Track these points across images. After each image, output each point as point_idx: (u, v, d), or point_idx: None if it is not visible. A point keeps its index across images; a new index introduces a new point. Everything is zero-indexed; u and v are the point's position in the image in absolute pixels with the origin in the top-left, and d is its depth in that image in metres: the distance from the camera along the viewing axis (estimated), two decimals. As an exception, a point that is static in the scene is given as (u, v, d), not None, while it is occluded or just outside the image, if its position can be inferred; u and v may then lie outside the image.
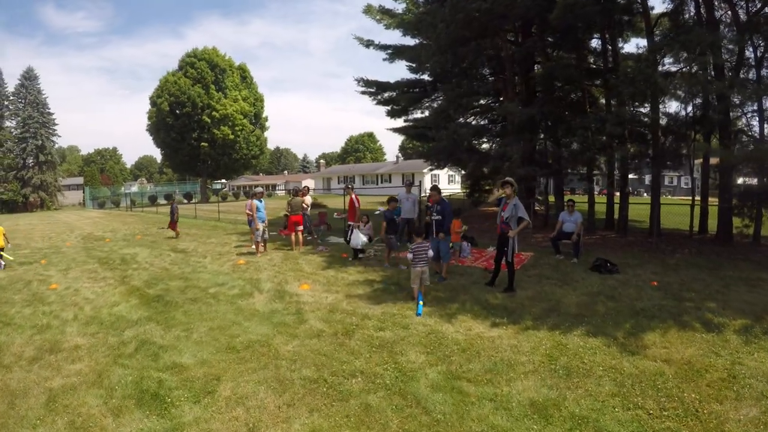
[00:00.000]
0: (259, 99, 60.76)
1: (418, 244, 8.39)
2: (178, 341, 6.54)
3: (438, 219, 9.65)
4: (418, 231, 9.12)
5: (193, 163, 58.32)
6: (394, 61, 23.02)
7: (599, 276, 9.91)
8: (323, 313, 7.63)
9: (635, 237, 15.91)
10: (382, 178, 61.72)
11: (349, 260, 12.48)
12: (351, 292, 9.00)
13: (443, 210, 9.69)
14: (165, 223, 26.84)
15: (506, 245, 8.56)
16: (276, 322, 7.24)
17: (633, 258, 12.23)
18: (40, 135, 64.27)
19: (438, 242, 9.64)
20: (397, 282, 9.71)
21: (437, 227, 9.73)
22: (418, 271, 8.18)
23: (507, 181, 8.69)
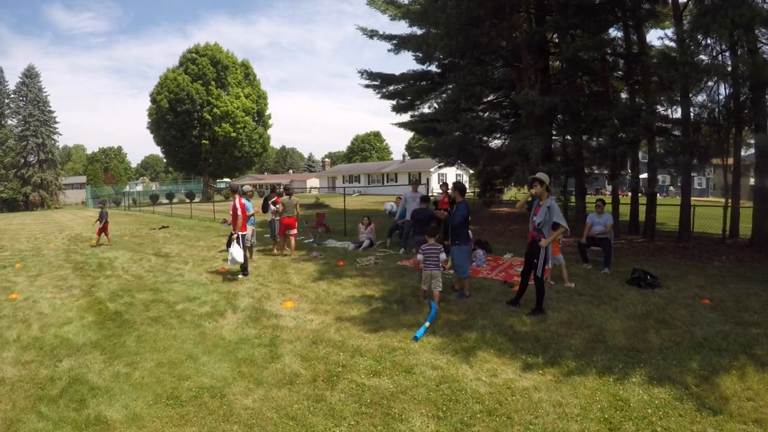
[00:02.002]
0: (262, 96, 59.42)
1: (430, 246, 7.75)
2: (115, 381, 5.22)
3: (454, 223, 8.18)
4: (432, 231, 8.16)
5: (194, 161, 57.15)
6: (399, 51, 21.55)
7: (639, 291, 8.43)
8: (303, 346, 6.18)
9: (664, 241, 14.46)
10: (388, 177, 60.27)
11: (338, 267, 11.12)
12: (343, 313, 7.57)
13: (455, 212, 8.22)
14: (159, 223, 25.85)
15: (536, 256, 7.10)
16: (241, 358, 5.81)
17: (669, 267, 10.79)
18: (41, 133, 63.44)
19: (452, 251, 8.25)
20: (401, 299, 8.27)
21: (450, 232, 8.30)
22: (428, 274, 7.65)
23: (536, 178, 7.24)
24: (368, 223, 14.45)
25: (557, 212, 7.00)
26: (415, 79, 21.82)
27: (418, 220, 10.72)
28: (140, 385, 5.12)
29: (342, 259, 12.30)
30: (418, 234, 10.62)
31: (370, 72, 22.30)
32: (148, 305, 8.36)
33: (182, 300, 8.62)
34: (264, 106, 59.46)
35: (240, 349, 6.08)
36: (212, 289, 9.32)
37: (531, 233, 7.29)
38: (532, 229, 7.27)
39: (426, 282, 7.79)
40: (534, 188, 7.26)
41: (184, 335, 6.70)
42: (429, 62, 20.75)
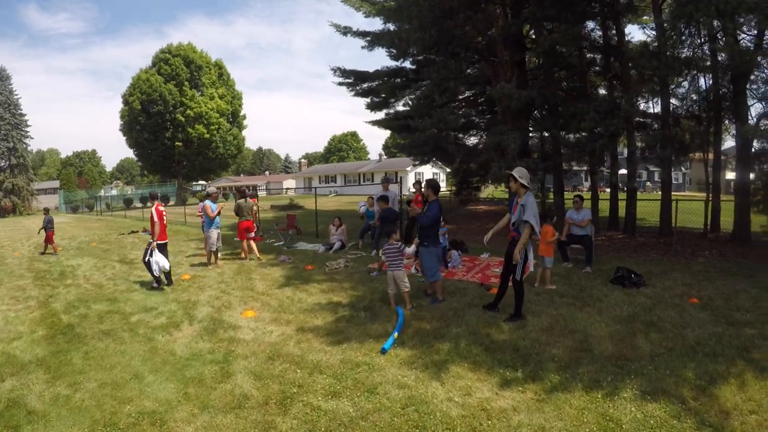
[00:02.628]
0: (237, 97, 58.21)
1: (390, 245, 7.47)
2: (54, 405, 4.61)
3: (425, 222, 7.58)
4: (388, 231, 7.86)
5: (168, 164, 55.75)
6: (373, 48, 20.90)
7: (623, 291, 7.93)
8: (259, 362, 5.53)
9: (645, 237, 14.10)
10: (365, 177, 59.64)
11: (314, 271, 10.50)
12: (306, 323, 6.93)
13: (426, 211, 7.63)
14: (128, 228, 24.90)
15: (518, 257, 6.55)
16: (190, 377, 5.16)
17: (653, 264, 10.35)
18: (12, 137, 61.24)
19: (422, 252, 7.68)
20: (370, 306, 7.65)
21: (418, 232, 7.73)
22: (390, 275, 7.32)
23: (511, 174, 6.67)
24: (339, 224, 13.82)
25: (529, 209, 6.39)
26: (389, 76, 21.21)
27: (384, 220, 10.16)
28: (79, 409, 4.51)
29: (311, 263, 11.66)
30: (385, 235, 10.04)
31: (343, 69, 21.64)
32: (102, 317, 7.69)
33: (138, 311, 7.95)
34: (239, 107, 58.26)
35: (190, 367, 5.44)
36: (171, 298, 8.67)
37: (511, 233, 6.73)
38: (511, 229, 6.72)
39: (391, 284, 7.38)
40: (510, 184, 6.72)
41: (133, 351, 6.06)
42: (403, 58, 20.17)
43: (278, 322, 7.00)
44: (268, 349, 5.90)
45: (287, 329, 6.67)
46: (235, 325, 6.93)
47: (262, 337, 6.36)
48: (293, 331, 6.56)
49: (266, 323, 6.99)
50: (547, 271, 8.53)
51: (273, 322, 7.05)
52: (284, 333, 6.50)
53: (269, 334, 6.50)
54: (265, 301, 8.23)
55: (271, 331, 6.61)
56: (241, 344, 6.13)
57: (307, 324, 6.87)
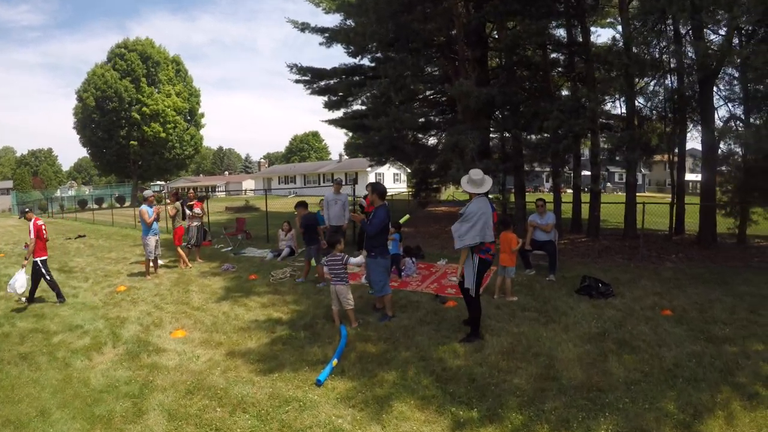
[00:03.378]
0: (195, 94, 56.12)
1: (333, 257, 6.60)
2: None
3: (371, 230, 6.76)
4: (332, 240, 6.90)
5: (122, 164, 53.30)
6: (331, 45, 19.93)
7: (591, 303, 7.26)
8: (178, 396, 4.66)
9: (609, 240, 13.63)
10: (324, 178, 58.48)
11: (257, 282, 9.60)
12: (238, 345, 6.07)
13: (372, 218, 6.81)
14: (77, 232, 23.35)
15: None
16: (98, 416, 4.32)
17: (619, 270, 9.78)
18: None
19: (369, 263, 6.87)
20: (311, 323, 6.81)
21: (365, 243, 6.91)
22: (333, 290, 6.56)
23: None
24: (288, 228, 12.88)
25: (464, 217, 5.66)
26: (347, 74, 20.29)
27: (305, 228, 9.35)
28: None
29: (256, 272, 10.76)
30: (307, 242, 9.38)
31: (300, 66, 20.60)
32: (24, 336, 6.74)
33: (63, 329, 7.04)
34: (196, 105, 56.19)
35: (101, 402, 4.60)
36: (101, 314, 7.76)
37: None
38: None
39: (334, 300, 6.60)
40: None
41: (47, 380, 5.19)
42: (361, 56, 19.34)
43: (208, 345, 6.13)
44: (190, 380, 5.04)
45: (216, 353, 5.82)
46: (160, 348, 6.07)
47: (186, 364, 5.51)
48: (222, 356, 5.71)
49: (195, 345, 6.12)
50: (509, 281, 7.81)
51: (202, 344, 6.18)
52: (212, 359, 5.65)
53: (195, 359, 5.64)
54: (198, 318, 7.31)
55: (198, 356, 5.75)
56: (163, 373, 5.29)
57: (239, 347, 6.01)
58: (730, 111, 13.27)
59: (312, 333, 6.41)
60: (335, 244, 6.76)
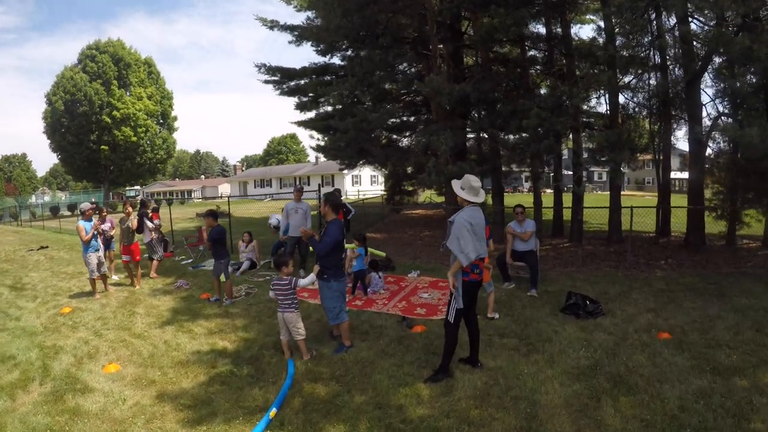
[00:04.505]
0: (167, 96, 54.49)
1: (279, 280, 5.73)
2: None
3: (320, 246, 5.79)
4: (278, 262, 5.91)
5: (93, 169, 51.50)
6: (301, 43, 19.01)
7: (578, 324, 6.38)
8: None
9: (593, 245, 12.85)
10: (300, 181, 57.36)
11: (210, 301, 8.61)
12: (171, 385, 5.20)
13: (323, 235, 5.84)
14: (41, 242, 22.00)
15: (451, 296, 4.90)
16: None
17: (607, 281, 8.93)
18: None
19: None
20: (257, 355, 5.87)
21: (317, 262, 5.94)
22: (281, 318, 5.69)
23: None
24: (249, 239, 11.86)
25: (456, 231, 4.78)
26: (317, 73, 19.31)
27: (214, 242, 8.60)
28: None
29: (211, 289, 9.71)
30: (215, 257, 8.59)
31: (269, 66, 19.58)
32: None
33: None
34: (168, 108, 54.56)
35: None
36: (38, 342, 6.92)
37: None
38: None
39: (282, 329, 5.75)
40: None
41: None
42: (331, 54, 18.46)
43: (139, 383, 5.27)
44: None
45: (146, 395, 4.96)
46: (88, 386, 5.23)
47: (110, 409, 4.69)
48: (151, 399, 4.86)
49: (125, 384, 5.27)
50: (491, 296, 6.94)
51: (134, 382, 5.32)
52: (139, 402, 4.79)
53: (121, 403, 4.81)
54: (136, 348, 6.42)
55: (125, 398, 4.91)
56: (83, 420, 4.50)
57: (172, 386, 5.15)
58: (718, 109, 12.61)
59: (256, 369, 5.49)
60: (281, 266, 5.80)
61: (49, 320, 8.11)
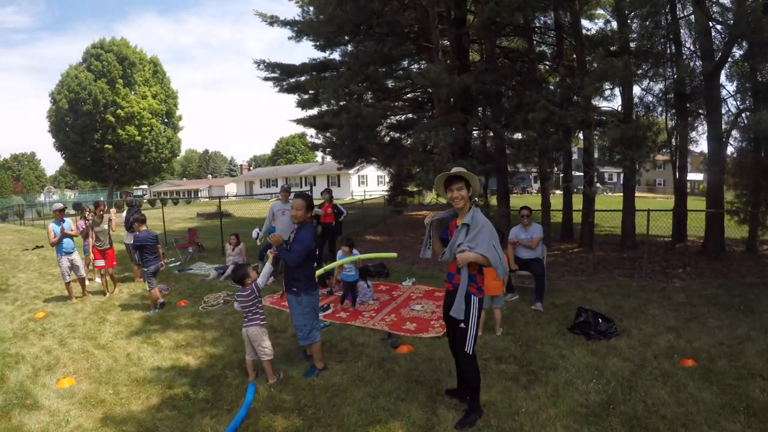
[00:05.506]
0: (171, 96, 54.27)
1: (241, 291, 5.10)
2: None
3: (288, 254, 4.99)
4: (238, 275, 5.12)
5: (98, 168, 51.44)
6: (300, 39, 18.24)
7: (587, 347, 5.52)
8: None
9: (605, 251, 12.00)
10: (306, 181, 56.69)
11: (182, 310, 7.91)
12: (120, 407, 4.64)
13: (292, 242, 5.02)
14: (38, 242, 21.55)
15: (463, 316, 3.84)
16: None
17: (621, 292, 8.07)
18: None
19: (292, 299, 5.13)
20: (219, 376, 5.17)
21: (285, 274, 5.17)
22: (244, 334, 5.05)
23: (457, 175, 3.97)
24: (236, 242, 11.12)
25: (488, 235, 3.80)
26: (317, 70, 18.56)
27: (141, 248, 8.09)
28: None
29: (189, 295, 9.16)
30: (144, 265, 8.11)
31: (268, 62, 18.85)
32: None
33: None
34: (174, 107, 54.32)
35: None
36: (2, 350, 6.53)
37: (449, 281, 4.14)
38: (450, 273, 4.13)
39: (247, 347, 5.08)
40: (452, 192, 3.94)
41: None
42: (331, 49, 17.71)
43: (88, 402, 4.75)
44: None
45: (90, 417, 4.46)
46: (37, 403, 4.81)
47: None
48: (94, 422, 4.34)
49: (74, 402, 4.78)
50: (497, 312, 6.15)
51: (83, 400, 4.80)
52: (81, 426, 4.28)
53: (64, 425, 4.33)
54: (96, 361, 5.89)
55: (69, 420, 4.41)
56: None
57: (120, 409, 4.59)
58: (738, 105, 11.72)
59: (214, 392, 4.81)
60: (243, 279, 5.06)
61: (21, 325, 7.74)
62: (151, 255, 8.09)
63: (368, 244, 14.30)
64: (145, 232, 8.20)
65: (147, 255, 8.05)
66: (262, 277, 5.13)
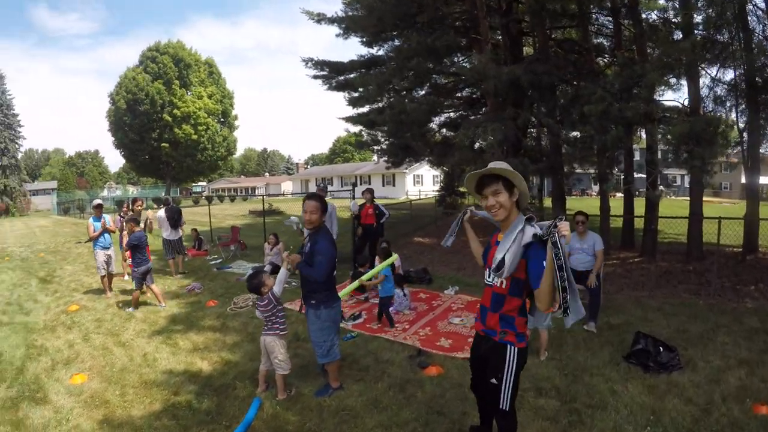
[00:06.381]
0: (228, 96, 55.71)
1: (260, 300, 4.70)
2: None
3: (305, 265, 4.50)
4: (252, 285, 4.69)
5: (155, 165, 53.45)
6: (348, 36, 17.86)
7: (644, 382, 4.69)
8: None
9: (668, 261, 10.86)
10: (362, 179, 56.49)
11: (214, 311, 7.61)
12: (122, 410, 4.52)
13: (312, 248, 4.49)
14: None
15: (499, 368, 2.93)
16: None
17: (685, 313, 7.06)
18: (3, 137, 59.64)
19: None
20: (228, 386, 4.86)
21: (302, 284, 4.66)
22: (261, 343, 4.72)
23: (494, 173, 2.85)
24: (275, 242, 10.77)
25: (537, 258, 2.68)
26: (365, 66, 18.12)
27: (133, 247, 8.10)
28: None
29: (221, 295, 8.98)
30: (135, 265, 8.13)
31: (316, 60, 18.55)
32: None
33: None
34: (229, 107, 55.74)
35: None
36: (30, 341, 6.69)
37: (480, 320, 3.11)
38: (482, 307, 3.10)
39: (263, 356, 4.74)
40: (486, 199, 2.88)
41: None
42: (379, 45, 17.27)
43: (92, 402, 4.68)
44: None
45: (90, 417, 4.37)
46: (45, 398, 4.82)
47: (50, 428, 4.22)
48: (92, 424, 4.25)
49: (79, 401, 4.72)
50: (544, 334, 5.42)
51: (87, 400, 4.73)
52: (78, 426, 4.20)
53: (64, 423, 4.27)
54: (112, 359, 5.83)
55: (69, 418, 4.34)
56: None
57: (120, 413, 4.46)
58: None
59: (218, 404, 4.52)
60: (258, 288, 4.64)
61: (53, 317, 7.94)
62: (143, 255, 8.10)
63: (415, 246, 13.73)
64: (139, 233, 8.24)
65: (139, 255, 8.05)
66: (278, 284, 4.68)
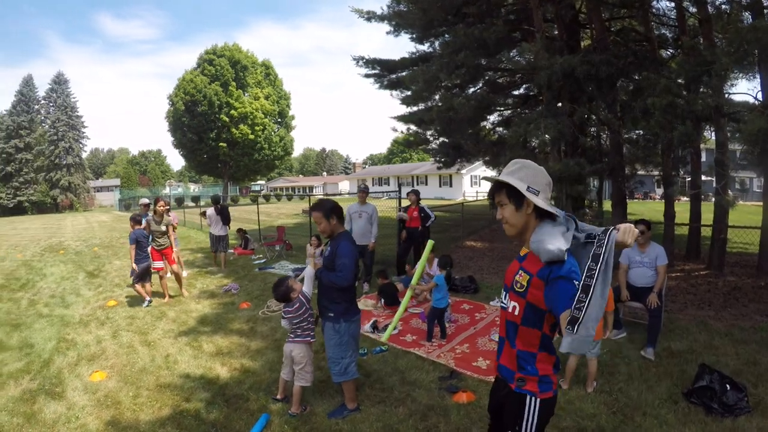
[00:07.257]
0: (284, 97, 56.60)
1: (288, 306, 4.32)
2: None
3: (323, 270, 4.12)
4: (280, 293, 4.30)
5: (213, 165, 54.99)
6: (399, 33, 17.46)
7: (705, 427, 3.91)
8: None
9: (737, 275, 9.64)
10: (418, 180, 56.04)
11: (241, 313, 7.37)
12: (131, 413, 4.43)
13: (331, 252, 4.10)
14: None
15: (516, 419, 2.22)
16: None
17: (757, 339, 5.94)
18: (69, 138, 63.60)
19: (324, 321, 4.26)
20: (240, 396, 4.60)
21: (319, 293, 4.26)
22: (287, 350, 4.34)
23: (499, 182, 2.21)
24: (317, 243, 10.46)
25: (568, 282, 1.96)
26: (416, 63, 17.59)
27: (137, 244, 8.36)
28: None
29: (256, 297, 8.80)
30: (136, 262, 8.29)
31: (367, 58, 18.24)
32: None
33: (13, 346, 6.42)
34: (286, 108, 56.62)
35: None
36: (62, 334, 6.91)
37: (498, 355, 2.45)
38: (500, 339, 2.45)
39: (286, 364, 4.41)
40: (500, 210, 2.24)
41: None
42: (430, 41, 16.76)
43: (105, 402, 4.67)
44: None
45: (98, 418, 4.35)
46: (62, 393, 4.88)
47: (58, 425, 4.23)
48: (98, 424, 4.23)
49: (93, 400, 4.71)
50: (592, 363, 4.66)
51: (101, 400, 4.72)
52: (84, 426, 4.20)
53: (73, 420, 4.31)
54: (134, 358, 5.85)
55: (78, 416, 4.36)
56: (30, 428, 4.21)
57: (128, 416, 4.38)
58: None
59: (227, 415, 4.27)
60: (287, 295, 4.28)
61: (90, 312, 8.13)
62: (144, 253, 8.28)
63: (466, 251, 13.11)
64: (139, 231, 8.35)
65: (140, 252, 8.21)
66: (307, 283, 4.33)
